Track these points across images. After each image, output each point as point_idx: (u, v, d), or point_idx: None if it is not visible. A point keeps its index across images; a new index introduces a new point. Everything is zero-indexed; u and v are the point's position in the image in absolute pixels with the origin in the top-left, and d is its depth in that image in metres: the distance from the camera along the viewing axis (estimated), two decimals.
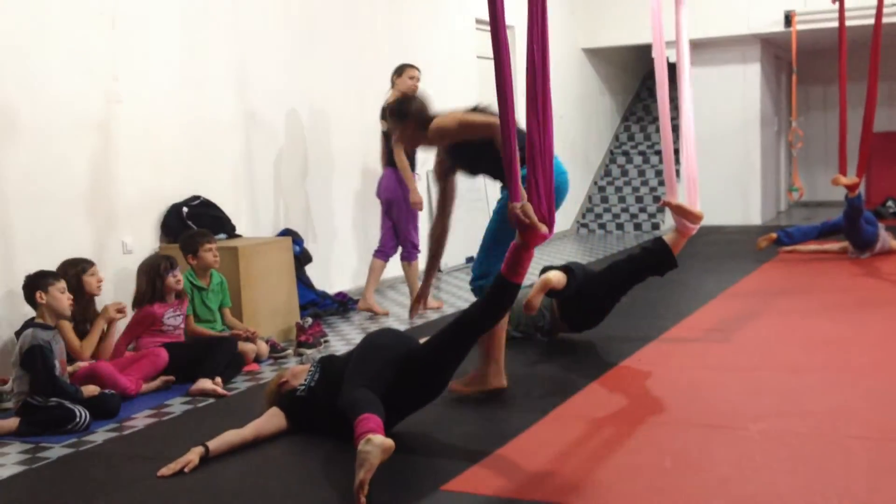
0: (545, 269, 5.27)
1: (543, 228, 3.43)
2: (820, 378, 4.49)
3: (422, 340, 3.90)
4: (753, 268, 8.05)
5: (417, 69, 6.85)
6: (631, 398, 4.33)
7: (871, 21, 8.34)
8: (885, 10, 8.37)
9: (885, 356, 4.88)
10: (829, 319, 5.86)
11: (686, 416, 4.00)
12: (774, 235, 8.73)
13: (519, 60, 4.48)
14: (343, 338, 6.00)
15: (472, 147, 4.26)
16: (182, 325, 5.18)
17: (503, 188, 4.33)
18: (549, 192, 3.49)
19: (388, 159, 6.74)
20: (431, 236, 4.64)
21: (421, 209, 6.76)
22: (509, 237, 3.64)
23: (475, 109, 4.32)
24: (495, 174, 4.33)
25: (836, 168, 8.54)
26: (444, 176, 4.54)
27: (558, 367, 4.97)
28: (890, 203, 11.90)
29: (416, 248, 6.87)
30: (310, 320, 5.84)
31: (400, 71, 6.82)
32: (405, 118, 4.39)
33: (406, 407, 3.73)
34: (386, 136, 6.75)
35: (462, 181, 4.78)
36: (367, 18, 7.90)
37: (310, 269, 6.92)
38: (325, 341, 5.79)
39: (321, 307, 6.69)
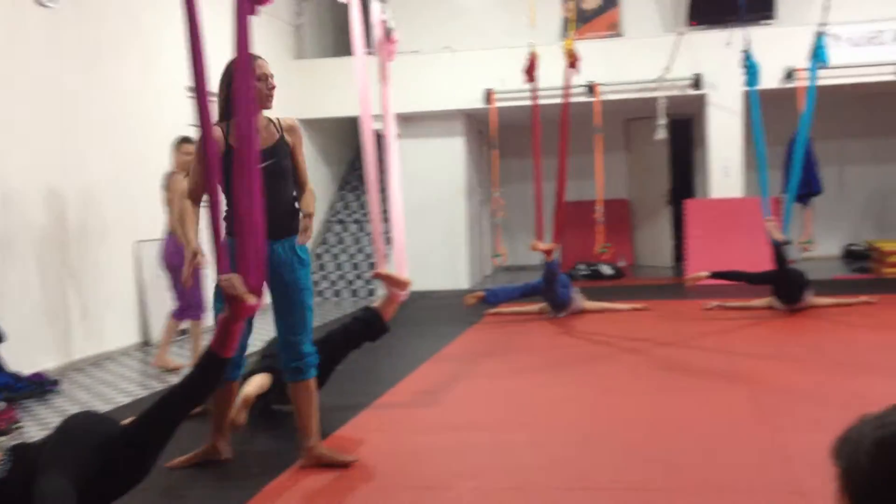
0: (248, 375, 5.11)
1: (252, 300, 3.40)
2: (526, 434, 4.74)
3: (126, 421, 3.70)
4: (461, 330, 8.41)
5: (193, 144, 6.73)
6: (345, 467, 4.35)
7: (561, 100, 9.13)
8: (571, 91, 9.21)
9: (585, 410, 5.25)
10: (532, 377, 6.23)
11: (399, 480, 4.07)
12: (482, 293, 9.26)
13: None
14: (40, 423, 5.56)
15: None
16: None
17: None
18: (258, 263, 3.47)
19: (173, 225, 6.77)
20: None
21: (203, 266, 6.17)
22: None
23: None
24: None
25: (535, 235, 9.23)
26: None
27: (274, 439, 4.90)
28: (581, 266, 12.94)
29: (201, 308, 6.85)
30: (2, 405, 5.39)
31: (177, 146, 6.83)
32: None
33: (109, 493, 3.50)
34: (170, 203, 6.77)
35: None
36: (76, 84, 7.52)
37: (3, 349, 6.38)
38: (18, 427, 5.35)
39: (14, 390, 6.16)
